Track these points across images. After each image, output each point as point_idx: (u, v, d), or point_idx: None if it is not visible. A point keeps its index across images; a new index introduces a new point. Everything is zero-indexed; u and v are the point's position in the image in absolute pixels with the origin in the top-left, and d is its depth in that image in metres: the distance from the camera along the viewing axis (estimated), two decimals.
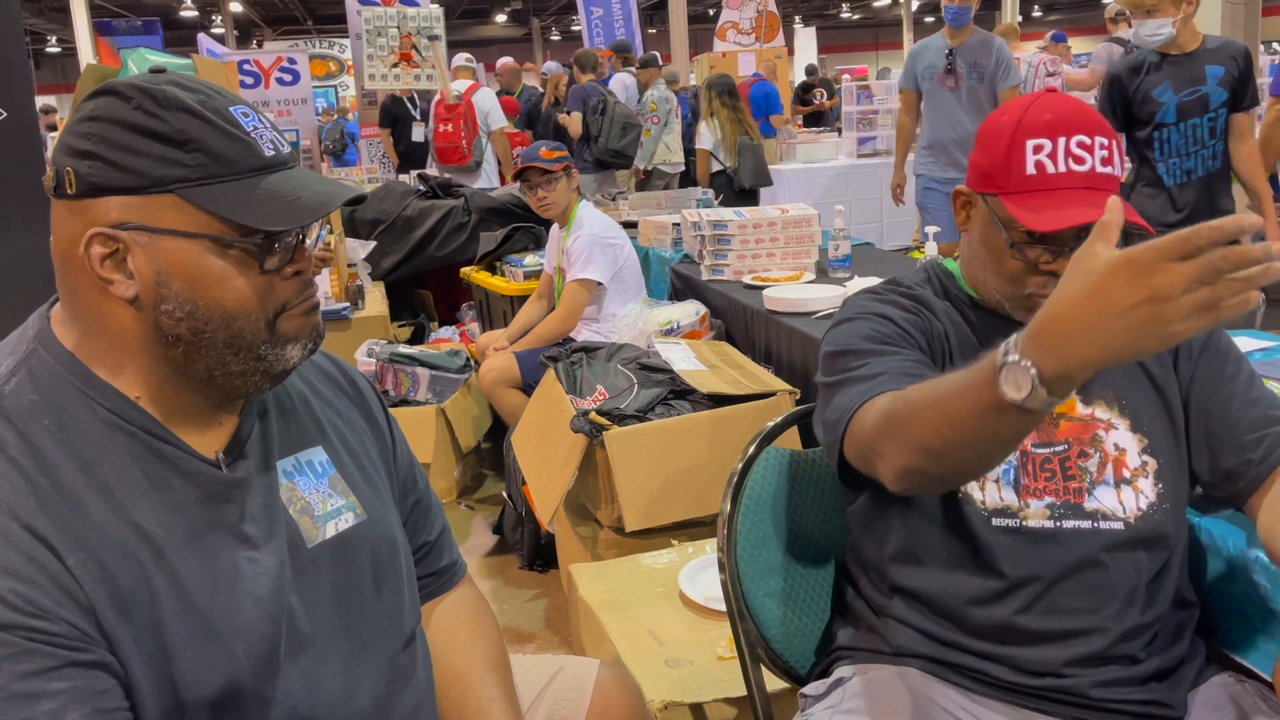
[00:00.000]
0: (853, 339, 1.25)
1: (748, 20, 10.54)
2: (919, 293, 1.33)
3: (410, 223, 4.91)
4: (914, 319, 1.27)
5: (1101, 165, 1.18)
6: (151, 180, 0.86)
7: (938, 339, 1.28)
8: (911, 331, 1.26)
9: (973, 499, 1.23)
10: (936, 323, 1.29)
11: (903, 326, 1.26)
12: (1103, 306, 0.82)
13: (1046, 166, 1.18)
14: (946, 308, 1.32)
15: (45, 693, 0.79)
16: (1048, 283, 1.20)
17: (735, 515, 1.42)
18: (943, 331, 1.28)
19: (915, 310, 1.29)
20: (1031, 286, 1.22)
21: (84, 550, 0.84)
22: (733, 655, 1.70)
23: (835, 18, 29.25)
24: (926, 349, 1.26)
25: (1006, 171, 1.20)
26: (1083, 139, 1.18)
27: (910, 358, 1.21)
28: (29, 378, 0.89)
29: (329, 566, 1.01)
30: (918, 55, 4.75)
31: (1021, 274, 1.22)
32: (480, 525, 3.45)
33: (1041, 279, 1.21)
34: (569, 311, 3.45)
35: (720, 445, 2.38)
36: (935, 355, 1.27)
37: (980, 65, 4.53)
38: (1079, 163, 1.17)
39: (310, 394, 1.09)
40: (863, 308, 1.30)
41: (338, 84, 15.27)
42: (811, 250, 3.40)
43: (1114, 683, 1.19)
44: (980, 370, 0.92)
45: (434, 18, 6.67)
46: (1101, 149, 1.18)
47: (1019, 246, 1.21)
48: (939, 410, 0.98)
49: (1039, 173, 1.18)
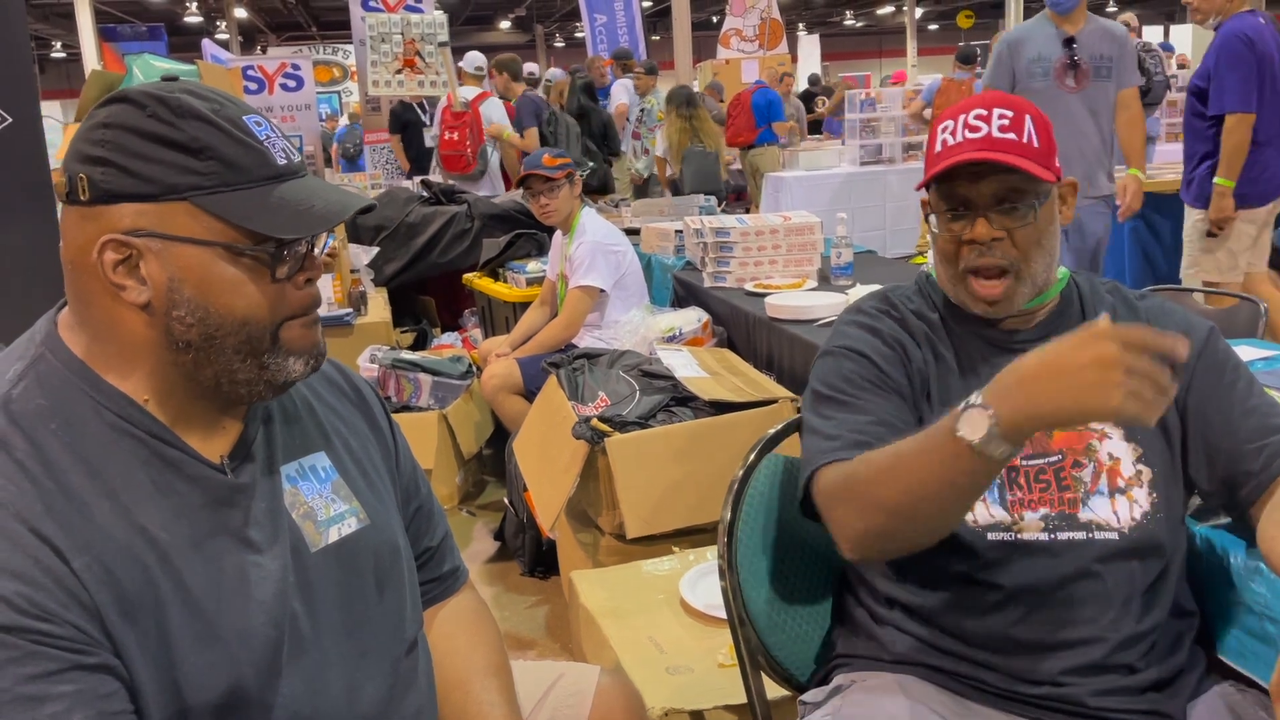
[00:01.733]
0: (832, 379, 1.30)
1: (751, 28, 10.57)
2: (906, 314, 1.34)
3: (413, 229, 4.92)
4: (893, 354, 1.30)
5: (999, 131, 1.22)
6: (166, 187, 0.87)
7: (917, 368, 1.30)
8: (889, 372, 1.28)
9: (964, 520, 1.23)
10: (917, 351, 1.31)
11: (881, 367, 1.29)
12: (1059, 362, 0.95)
13: (948, 141, 1.25)
14: (928, 324, 1.33)
15: (50, 695, 0.79)
16: (972, 254, 1.25)
17: (736, 522, 1.42)
18: (922, 359, 1.30)
19: (895, 344, 1.31)
20: (963, 262, 1.26)
21: (89, 554, 0.84)
22: (733, 662, 1.70)
23: (839, 25, 29.30)
24: (905, 381, 1.28)
25: (927, 159, 1.28)
26: (980, 111, 1.24)
27: (877, 410, 1.25)
28: (36, 382, 0.89)
29: (332, 571, 1.02)
30: (1018, 45, 3.64)
31: (950, 249, 1.27)
32: (481, 531, 3.45)
33: (967, 250, 1.25)
34: (571, 318, 3.45)
35: (722, 452, 2.39)
36: (914, 385, 1.29)
37: (1106, 59, 3.59)
38: (973, 130, 1.23)
39: (314, 400, 1.10)
40: (847, 341, 1.33)
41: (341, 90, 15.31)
42: (814, 258, 3.40)
43: (1112, 691, 1.19)
44: (941, 423, 1.04)
45: (438, 24, 6.69)
46: (1000, 119, 1.23)
47: (938, 220, 1.27)
48: (900, 465, 1.09)
49: (942, 148, 1.25)
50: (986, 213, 1.23)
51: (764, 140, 8.62)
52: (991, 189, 1.23)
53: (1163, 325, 1.30)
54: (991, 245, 1.23)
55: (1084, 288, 1.34)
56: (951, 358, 1.30)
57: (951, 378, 1.29)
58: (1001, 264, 1.24)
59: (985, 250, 1.24)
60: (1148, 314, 1.32)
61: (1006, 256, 1.24)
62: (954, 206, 1.25)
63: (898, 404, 1.26)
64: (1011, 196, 1.23)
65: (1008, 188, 1.22)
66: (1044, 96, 3.46)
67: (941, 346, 1.31)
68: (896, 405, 1.26)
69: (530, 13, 24.37)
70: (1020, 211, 1.23)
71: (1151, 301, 1.35)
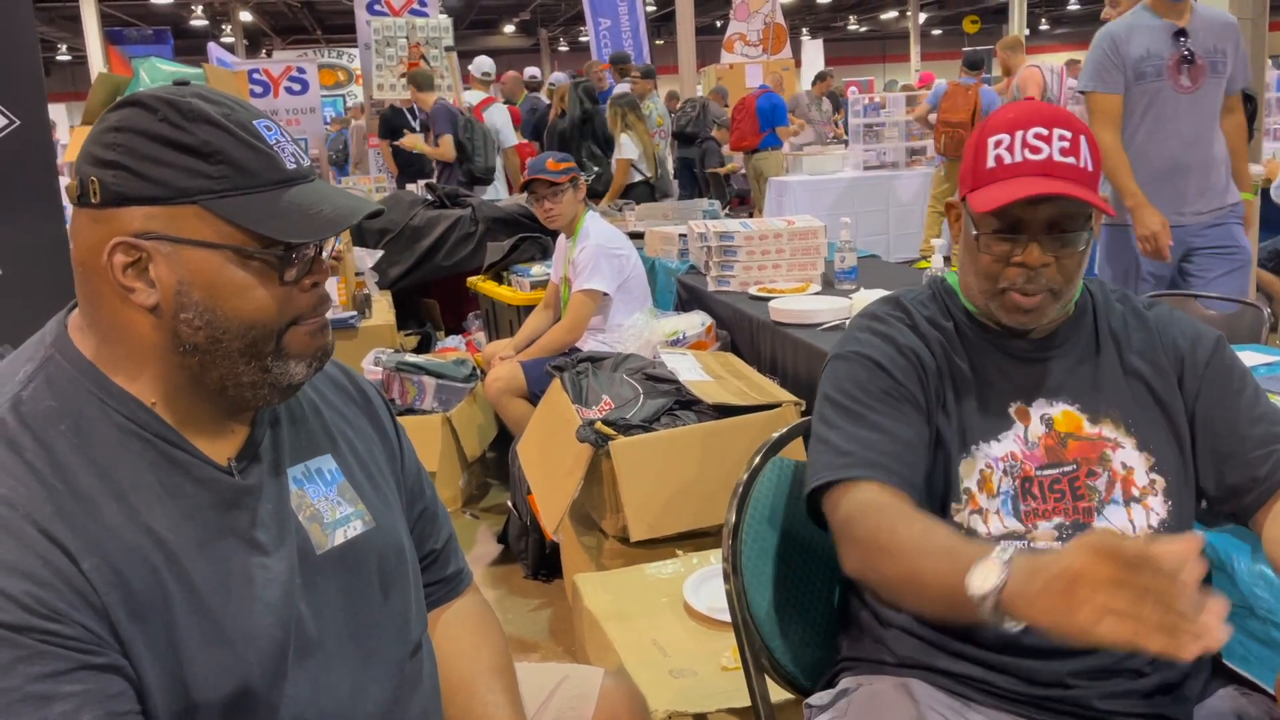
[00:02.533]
0: (846, 385, 1.28)
1: (755, 32, 10.57)
2: (919, 320, 1.33)
3: (417, 232, 4.93)
4: (907, 364, 1.28)
5: (1060, 155, 1.20)
6: (176, 191, 0.88)
7: (931, 377, 1.28)
8: (903, 381, 1.27)
9: (977, 533, 1.23)
10: (931, 359, 1.29)
11: (895, 376, 1.27)
12: (1059, 564, 0.87)
13: (1004, 158, 1.22)
14: (943, 332, 1.32)
15: (58, 695, 0.79)
16: (1019, 277, 1.22)
17: (740, 526, 1.42)
18: (936, 368, 1.29)
19: (909, 352, 1.29)
20: (1005, 281, 1.24)
21: (98, 554, 0.85)
22: (737, 666, 1.70)
23: (842, 30, 29.32)
24: (920, 391, 1.27)
25: (974, 171, 1.25)
26: (1040, 130, 1.21)
27: (890, 426, 1.23)
28: (46, 383, 0.90)
29: (337, 573, 1.02)
30: (1123, 39, 3.09)
31: (994, 269, 1.24)
32: (485, 534, 3.45)
33: (1013, 271, 1.23)
34: (575, 321, 3.46)
35: (725, 456, 2.39)
36: (928, 394, 1.27)
37: (1220, 53, 3.08)
38: (1034, 152, 1.20)
39: (320, 402, 1.10)
40: (860, 347, 1.31)
41: (346, 93, 15.35)
42: (817, 262, 3.40)
43: (1119, 695, 1.19)
44: (964, 548, 1.01)
45: (443, 28, 6.71)
46: (1061, 140, 1.21)
47: (984, 239, 1.24)
48: (915, 559, 1.07)
49: (997, 165, 1.22)
50: (1039, 237, 1.21)
51: (768, 144, 8.63)
52: (1048, 214, 1.20)
53: (1171, 333, 1.30)
54: (1038, 270, 1.21)
55: (1097, 297, 1.34)
56: (966, 367, 1.30)
57: (966, 386, 1.28)
58: (1047, 287, 1.22)
59: (1033, 275, 1.21)
60: (1156, 322, 1.32)
61: (1052, 282, 1.22)
62: (1005, 227, 1.22)
63: (911, 416, 1.25)
64: (1065, 224, 1.21)
65: (1064, 214, 1.20)
66: (1156, 99, 3.05)
67: (956, 355, 1.30)
68: (910, 418, 1.25)
69: (535, 17, 24.41)
70: (1071, 238, 1.21)
71: (1159, 310, 1.35)
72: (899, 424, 1.24)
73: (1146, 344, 1.30)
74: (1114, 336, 1.31)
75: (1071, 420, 1.27)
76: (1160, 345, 1.30)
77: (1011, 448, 1.26)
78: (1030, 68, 7.60)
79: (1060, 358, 1.30)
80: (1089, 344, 1.31)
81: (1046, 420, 1.27)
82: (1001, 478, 1.25)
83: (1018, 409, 1.27)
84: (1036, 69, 7.61)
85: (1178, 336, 1.30)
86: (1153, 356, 1.29)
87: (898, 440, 1.23)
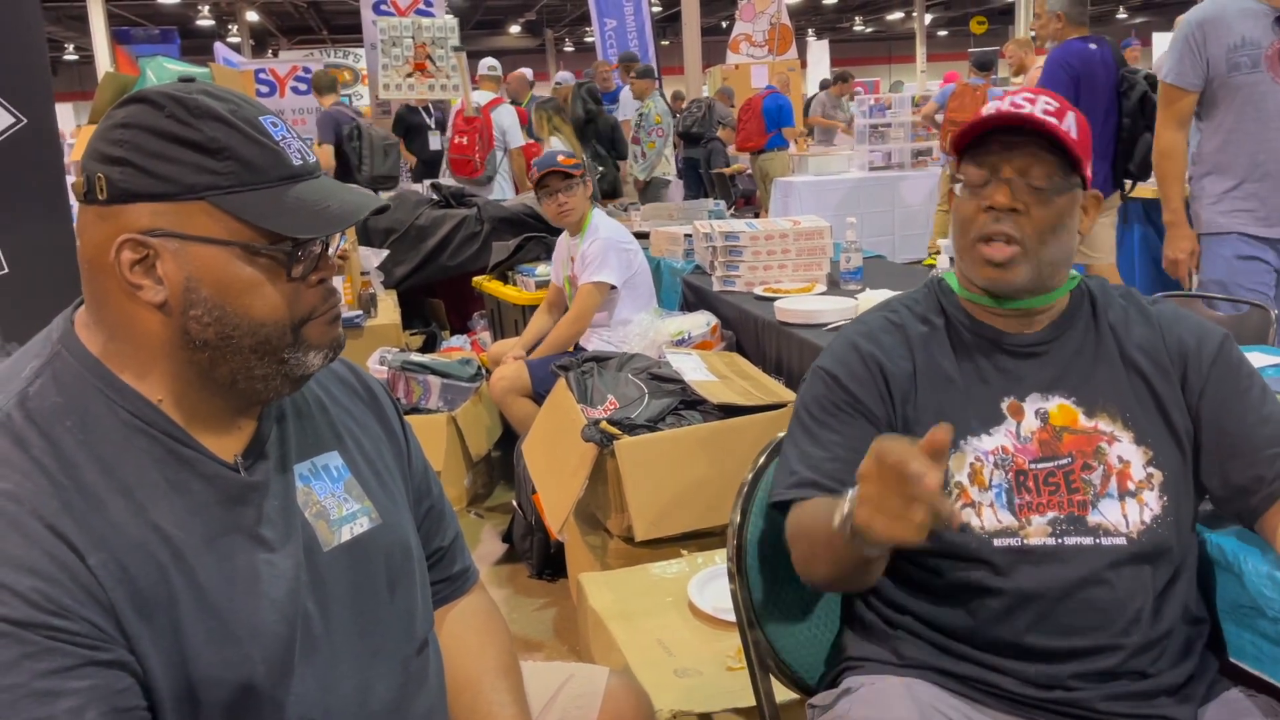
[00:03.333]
0: (806, 400, 1.35)
1: (761, 33, 10.58)
2: (907, 319, 1.34)
3: (423, 232, 4.93)
4: (865, 374, 1.30)
5: (1042, 113, 1.23)
6: (183, 187, 0.88)
7: (897, 383, 1.29)
8: (859, 395, 1.30)
9: (971, 526, 1.24)
10: (904, 362, 1.30)
11: (850, 389, 1.30)
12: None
13: (988, 111, 1.26)
14: (931, 329, 1.33)
15: (65, 691, 0.80)
16: (988, 220, 1.25)
17: (745, 525, 1.42)
18: (907, 371, 1.30)
19: (871, 361, 1.31)
20: (975, 230, 1.26)
21: (105, 550, 0.85)
22: (742, 665, 1.70)
23: (848, 31, 29.30)
24: (878, 402, 1.29)
25: (966, 129, 1.28)
26: (1027, 95, 1.26)
27: (838, 442, 1.29)
28: (53, 380, 0.90)
29: (344, 571, 1.02)
30: (1212, 27, 2.77)
31: (968, 215, 1.27)
32: (489, 533, 3.46)
33: (984, 217, 1.25)
34: (581, 313, 3.46)
35: (730, 456, 2.39)
36: (891, 402, 1.29)
37: None
38: (1017, 107, 1.24)
39: (327, 399, 1.10)
40: (825, 361, 1.35)
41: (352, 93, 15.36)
42: (823, 262, 3.40)
43: (1123, 697, 1.19)
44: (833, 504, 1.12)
45: (449, 28, 6.71)
46: (1046, 104, 1.25)
47: (963, 188, 1.27)
48: (814, 548, 1.21)
49: (982, 117, 1.26)
50: (1012, 179, 1.24)
51: (774, 145, 8.64)
52: (1021, 162, 1.24)
53: (1176, 331, 1.30)
54: (1007, 215, 1.24)
55: (1095, 291, 1.34)
56: (951, 364, 1.30)
57: (948, 384, 1.29)
58: (1013, 234, 1.24)
59: (1001, 218, 1.24)
60: (1160, 319, 1.32)
61: (1019, 230, 1.24)
62: (980, 175, 1.26)
63: (863, 429, 1.27)
64: (1038, 174, 1.24)
65: (1037, 163, 1.23)
66: (1251, 93, 2.74)
67: (939, 353, 1.31)
68: (861, 430, 1.27)
69: (540, 17, 24.43)
70: (1044, 190, 1.23)
71: (1164, 307, 1.34)
72: (848, 437, 1.28)
73: (1148, 339, 1.29)
74: (1113, 329, 1.30)
75: (1067, 414, 1.27)
76: (1164, 342, 1.29)
77: (1002, 442, 1.26)
78: (1035, 70, 7.60)
79: (1055, 352, 1.30)
80: (1086, 337, 1.31)
81: (1042, 415, 1.27)
82: (993, 471, 1.25)
83: (1010, 404, 1.28)
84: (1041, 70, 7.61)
85: (1183, 334, 1.30)
86: (1154, 352, 1.29)
87: (845, 455, 1.26)
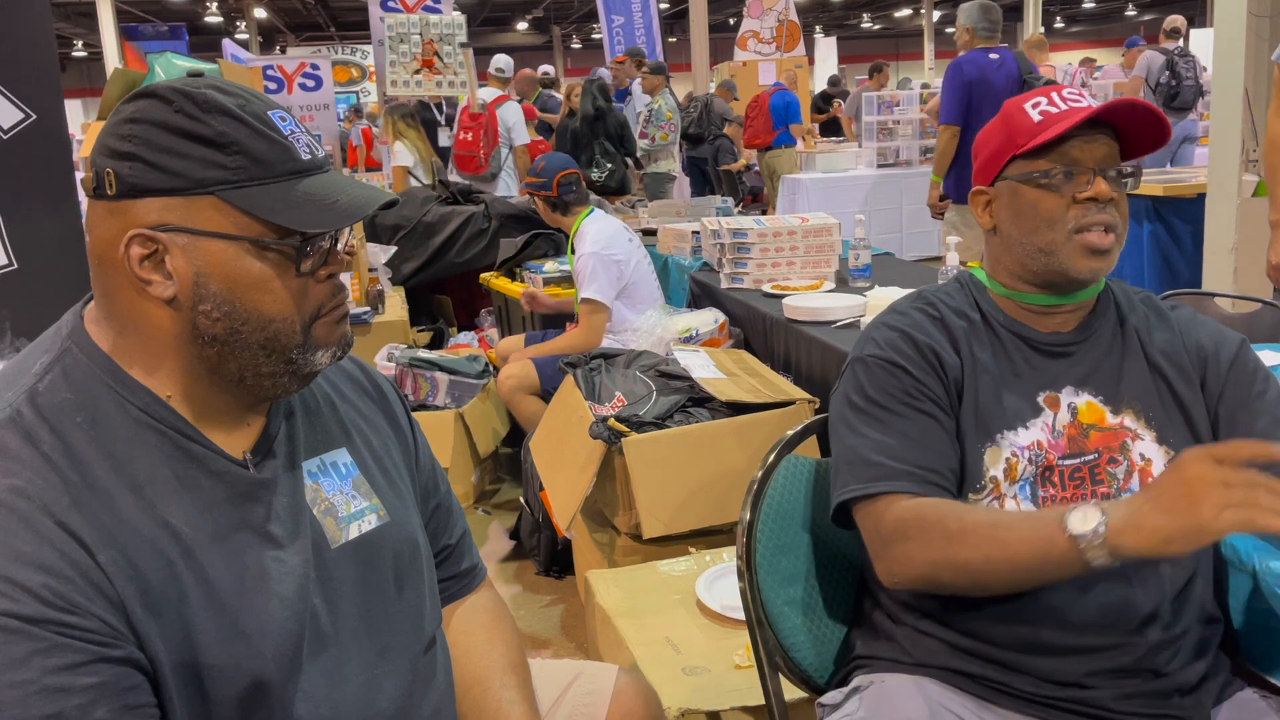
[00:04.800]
0: (869, 390, 1.28)
1: (768, 30, 10.55)
2: (945, 312, 1.33)
3: (431, 228, 4.93)
4: (927, 364, 1.28)
5: (1099, 101, 1.25)
6: (192, 182, 0.87)
7: (951, 373, 1.28)
8: (926, 383, 1.26)
9: None
10: (952, 355, 1.29)
11: (918, 378, 1.27)
12: (1163, 482, 0.99)
13: (1049, 111, 1.25)
14: (970, 323, 1.32)
15: (74, 687, 0.79)
16: (1091, 210, 1.24)
17: (755, 523, 1.41)
18: (957, 363, 1.28)
19: (929, 350, 1.28)
20: (1072, 221, 1.25)
21: (115, 547, 0.85)
22: (750, 664, 1.70)
23: (856, 28, 29.24)
24: (942, 391, 1.27)
25: (1014, 137, 1.27)
26: (1068, 93, 1.26)
27: (918, 434, 1.24)
28: (63, 375, 0.90)
29: (352, 568, 1.02)
30: None
31: (1062, 213, 1.25)
32: (497, 531, 3.46)
33: (1080, 208, 1.24)
34: (589, 331, 3.43)
35: (739, 453, 2.38)
36: (949, 393, 1.27)
37: None
38: (1076, 101, 1.25)
39: (335, 396, 1.10)
40: (881, 350, 1.30)
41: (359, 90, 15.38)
42: (831, 259, 3.39)
43: (1137, 695, 1.19)
44: (1051, 511, 1.07)
45: (456, 25, 6.71)
46: (1093, 97, 1.26)
47: (1046, 183, 1.25)
48: (995, 536, 1.11)
49: (1044, 117, 1.25)
50: (1104, 173, 1.24)
51: (781, 142, 8.62)
52: (1103, 152, 1.24)
53: (1194, 335, 1.30)
54: (1108, 204, 1.24)
55: (1119, 293, 1.35)
56: (989, 359, 1.29)
57: (987, 379, 1.28)
58: (1112, 223, 1.24)
59: (1102, 208, 1.23)
60: (1179, 323, 1.32)
61: (1115, 218, 1.25)
62: (1063, 168, 1.24)
63: (937, 415, 1.25)
64: (1118, 164, 1.25)
65: (1112, 155, 1.25)
66: None
67: (979, 347, 1.30)
68: (936, 417, 1.25)
69: (548, 14, 24.41)
70: (1125, 180, 1.25)
71: (1183, 312, 1.35)
72: (925, 427, 1.24)
73: (1169, 343, 1.30)
74: (1137, 332, 1.31)
75: (1095, 411, 1.27)
76: (1184, 345, 1.30)
77: (1038, 436, 1.26)
78: (1045, 67, 7.61)
79: (1086, 350, 1.30)
80: (1113, 337, 1.31)
81: (1072, 409, 1.27)
82: (1026, 465, 1.25)
83: (1047, 397, 1.28)
84: (1051, 68, 7.62)
85: (1201, 338, 1.31)
86: (1175, 355, 1.29)
87: (925, 446, 1.23)
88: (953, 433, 1.25)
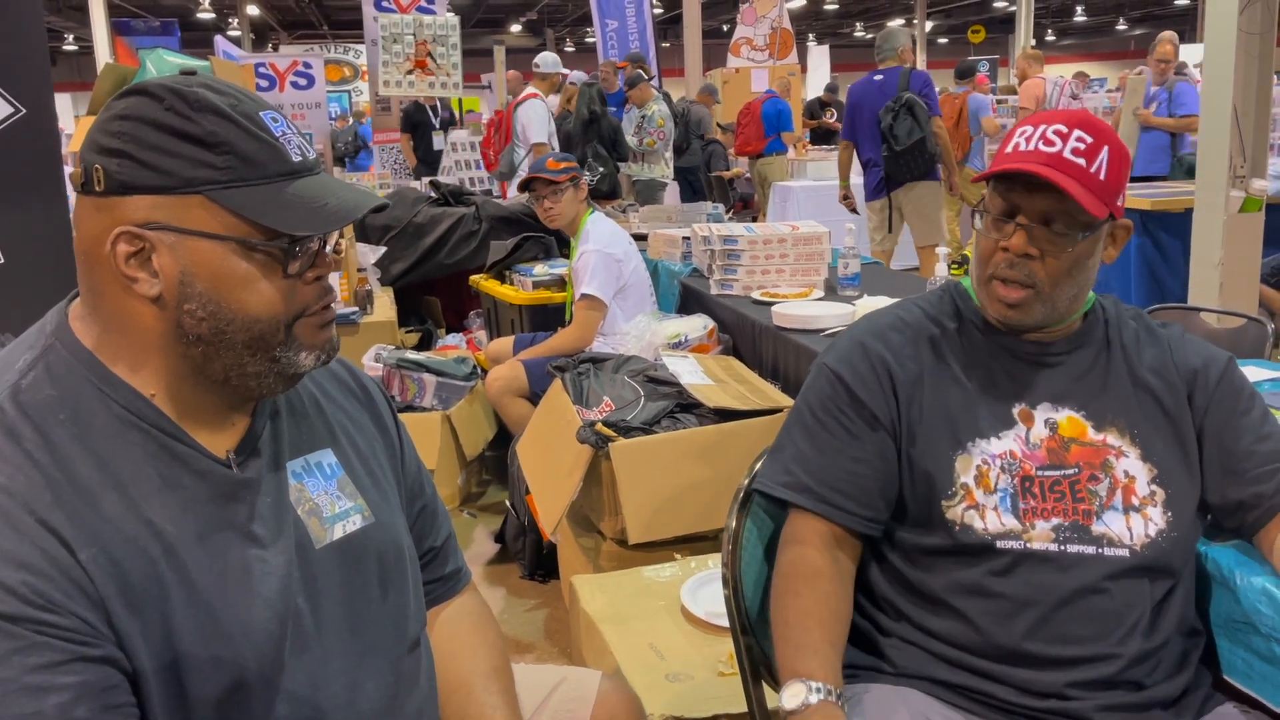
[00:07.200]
0: (810, 397, 1.35)
1: (762, 37, 10.58)
2: (920, 319, 1.34)
3: (421, 229, 4.92)
4: (871, 376, 1.30)
5: (1071, 154, 1.21)
6: (181, 181, 0.87)
7: (901, 384, 1.29)
8: (863, 398, 1.29)
9: (974, 529, 1.24)
10: (911, 364, 1.30)
11: (855, 391, 1.30)
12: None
13: (1020, 145, 1.24)
14: (944, 332, 1.33)
15: (54, 686, 0.79)
16: (1002, 262, 1.25)
17: (741, 531, 1.41)
18: (913, 372, 1.30)
19: (878, 361, 1.30)
20: (990, 267, 1.26)
21: (96, 545, 0.84)
22: (734, 671, 1.69)
23: (849, 36, 29.34)
24: (882, 404, 1.29)
25: (997, 158, 1.27)
26: (1060, 128, 1.23)
27: (841, 443, 1.29)
28: (46, 372, 0.89)
29: (336, 568, 1.01)
30: None
31: (985, 253, 1.27)
32: (482, 533, 3.45)
33: (999, 257, 1.25)
34: (583, 329, 3.43)
35: (726, 460, 2.38)
36: (897, 402, 1.29)
37: None
38: (1048, 144, 1.22)
39: (321, 397, 1.10)
40: (831, 359, 1.35)
41: (351, 89, 15.34)
42: (821, 267, 3.40)
43: (1118, 707, 1.19)
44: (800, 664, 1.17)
45: (450, 26, 6.71)
46: (1078, 141, 1.21)
47: (984, 220, 1.27)
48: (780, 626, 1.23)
49: (1013, 150, 1.24)
50: (1031, 226, 1.22)
51: (772, 150, 8.63)
52: (1043, 205, 1.22)
53: (1184, 352, 1.31)
54: (1022, 261, 1.23)
55: (1110, 310, 1.35)
56: (962, 368, 1.30)
57: (956, 388, 1.29)
58: (1024, 280, 1.24)
59: (1014, 264, 1.24)
60: (1169, 341, 1.33)
61: (1032, 276, 1.23)
62: (1006, 211, 1.25)
63: (864, 434, 1.29)
64: (1059, 219, 1.22)
65: (1060, 209, 1.21)
66: None
67: (951, 355, 1.31)
68: (863, 437, 1.28)
69: (541, 16, 24.42)
70: (1062, 238, 1.22)
71: (1173, 330, 1.36)
72: (850, 444, 1.28)
73: (1158, 360, 1.31)
74: (1124, 349, 1.32)
75: (1076, 426, 1.27)
76: (1173, 362, 1.31)
77: (1011, 446, 1.26)
78: (1035, 79, 7.63)
79: (1068, 364, 1.30)
80: (1099, 353, 1.31)
81: (1050, 424, 1.28)
82: (999, 474, 1.25)
83: (1021, 410, 1.28)
84: (1041, 80, 7.64)
85: (1190, 356, 1.32)
86: (1164, 372, 1.30)
87: (836, 465, 1.28)
88: (886, 450, 1.28)
